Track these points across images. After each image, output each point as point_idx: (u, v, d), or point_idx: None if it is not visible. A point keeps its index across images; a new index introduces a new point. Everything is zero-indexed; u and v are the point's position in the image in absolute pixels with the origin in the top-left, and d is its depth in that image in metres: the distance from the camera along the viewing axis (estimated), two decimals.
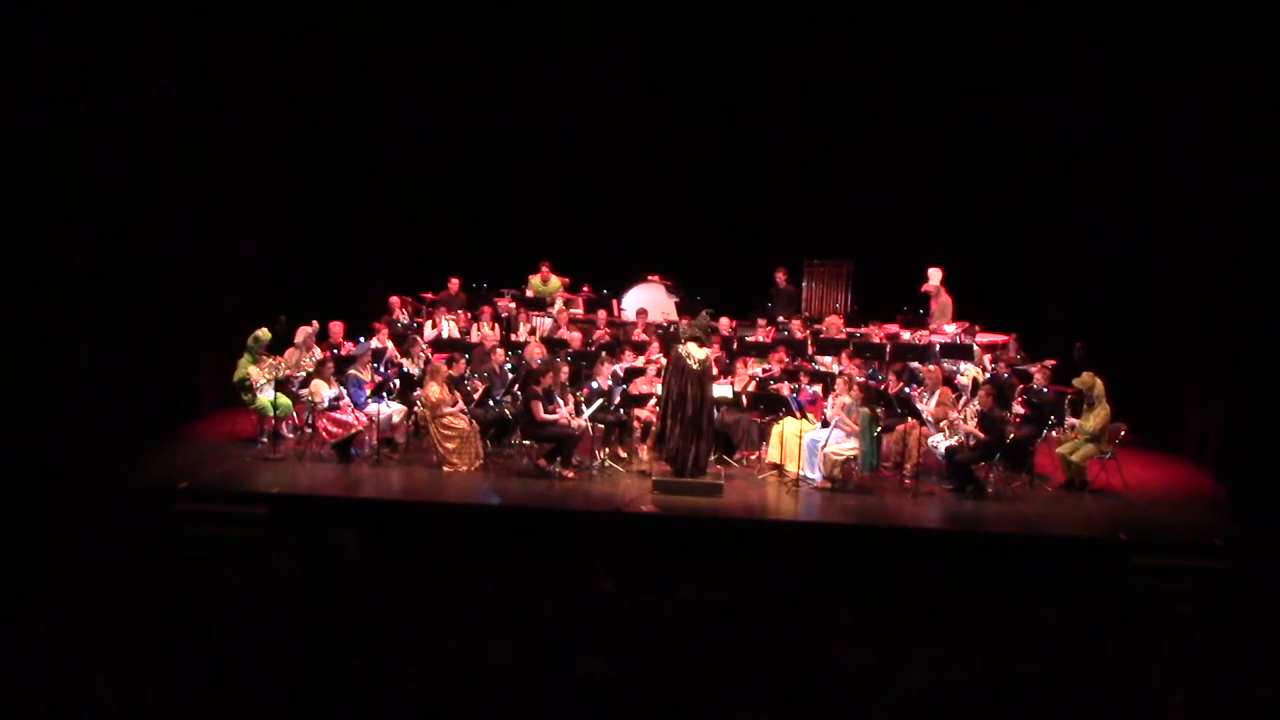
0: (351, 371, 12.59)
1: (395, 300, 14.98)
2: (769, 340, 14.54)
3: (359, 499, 11.49)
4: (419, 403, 12.64)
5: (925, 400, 12.53)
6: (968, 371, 13.55)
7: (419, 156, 17.21)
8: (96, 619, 7.48)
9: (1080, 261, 15.71)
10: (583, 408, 12.41)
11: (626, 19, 16.59)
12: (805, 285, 17.22)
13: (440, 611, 7.86)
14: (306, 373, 12.65)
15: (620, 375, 13.13)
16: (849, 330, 15.15)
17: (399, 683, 6.58)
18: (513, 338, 14.93)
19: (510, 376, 12.96)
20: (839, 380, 12.45)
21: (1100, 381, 12.16)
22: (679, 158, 17.34)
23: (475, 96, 17.14)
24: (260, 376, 12.56)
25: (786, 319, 15.55)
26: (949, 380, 13.08)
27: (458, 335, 14.78)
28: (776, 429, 12.53)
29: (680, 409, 11.69)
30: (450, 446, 12.24)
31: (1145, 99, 14.53)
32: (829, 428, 12.14)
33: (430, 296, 15.91)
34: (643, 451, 12.91)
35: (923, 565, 9.94)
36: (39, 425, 11.33)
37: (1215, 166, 13.22)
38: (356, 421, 12.36)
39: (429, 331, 14.66)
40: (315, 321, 13.40)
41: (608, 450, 12.72)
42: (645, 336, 14.69)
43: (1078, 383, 12.26)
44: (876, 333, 14.61)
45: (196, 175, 13.62)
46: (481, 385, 12.73)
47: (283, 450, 12.67)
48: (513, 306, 15.82)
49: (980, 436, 11.92)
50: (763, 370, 13.36)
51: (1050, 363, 13.08)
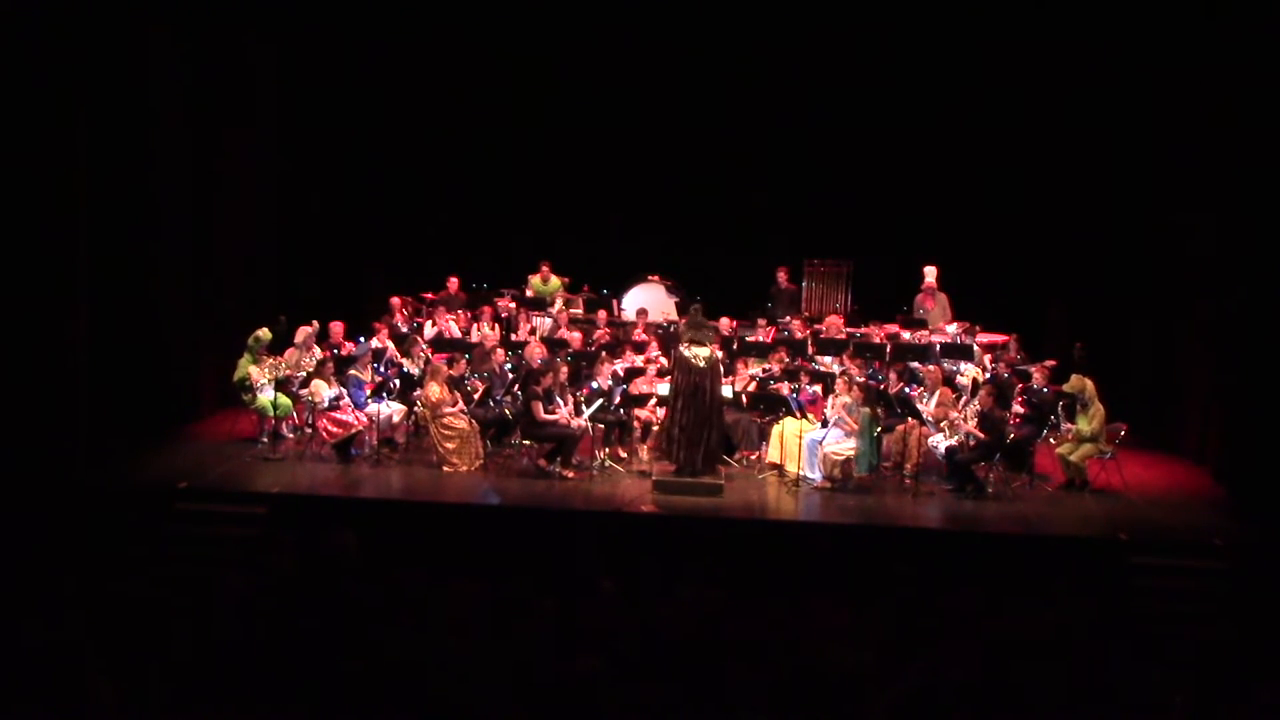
0: (351, 371, 12.59)
1: (396, 301, 14.98)
2: (769, 340, 14.54)
3: (359, 499, 11.49)
4: (419, 403, 12.64)
5: (925, 400, 12.53)
6: (968, 371, 13.56)
7: (419, 156, 17.21)
8: (96, 619, 7.46)
9: (1080, 261, 15.70)
10: (583, 408, 12.42)
11: (627, 19, 16.58)
12: (805, 285, 17.22)
13: (440, 611, 7.83)
14: (307, 373, 12.67)
15: (620, 375, 13.14)
16: (849, 330, 15.14)
17: (399, 683, 6.56)
18: (513, 338, 14.94)
19: (510, 376, 12.97)
20: (839, 380, 12.45)
21: (1090, 383, 12.16)
22: (679, 158, 17.32)
23: (475, 96, 17.14)
24: (260, 376, 12.57)
25: (787, 319, 15.56)
26: (949, 380, 13.09)
27: (458, 335, 14.78)
28: (776, 429, 12.54)
29: (691, 405, 11.69)
30: (450, 446, 12.24)
31: (1145, 99, 14.54)
32: (829, 427, 12.14)
33: (430, 296, 15.91)
34: (643, 451, 12.94)
35: (923, 565, 9.92)
36: (39, 425, 11.34)
37: (1215, 166, 13.22)
38: (356, 421, 12.37)
39: (429, 329, 14.66)
40: (315, 321, 13.41)
41: (608, 450, 12.73)
42: (645, 336, 14.69)
43: (1067, 387, 12.28)
44: (876, 333, 14.60)
45: (196, 175, 13.63)
46: (481, 385, 12.74)
47: (283, 450, 12.68)
48: (513, 306, 15.82)
49: (980, 436, 11.93)
50: (763, 370, 13.36)
51: (1050, 363, 13.08)
